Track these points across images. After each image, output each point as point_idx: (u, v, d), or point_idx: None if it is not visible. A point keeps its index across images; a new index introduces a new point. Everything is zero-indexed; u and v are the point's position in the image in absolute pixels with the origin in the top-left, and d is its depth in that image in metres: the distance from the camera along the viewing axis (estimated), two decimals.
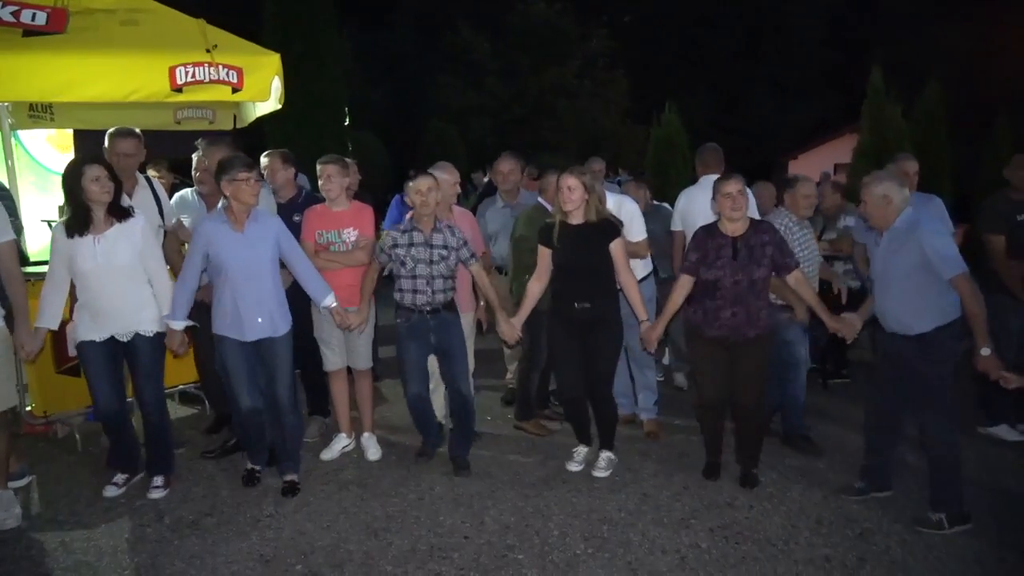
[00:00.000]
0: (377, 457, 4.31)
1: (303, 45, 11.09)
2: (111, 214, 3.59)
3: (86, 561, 3.23)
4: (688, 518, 3.59)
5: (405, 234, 3.93)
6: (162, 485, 3.85)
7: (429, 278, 3.91)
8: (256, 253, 3.68)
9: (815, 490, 3.87)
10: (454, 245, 3.93)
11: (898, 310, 3.43)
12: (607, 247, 3.87)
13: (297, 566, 3.17)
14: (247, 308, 3.68)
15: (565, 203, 3.83)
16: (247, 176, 3.58)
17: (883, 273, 3.48)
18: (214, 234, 3.65)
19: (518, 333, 4.05)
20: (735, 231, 3.74)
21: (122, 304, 3.64)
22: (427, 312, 3.94)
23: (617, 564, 3.18)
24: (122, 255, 3.59)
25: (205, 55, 4.24)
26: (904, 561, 3.19)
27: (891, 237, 3.42)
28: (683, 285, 3.87)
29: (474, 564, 3.18)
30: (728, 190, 3.67)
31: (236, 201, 3.62)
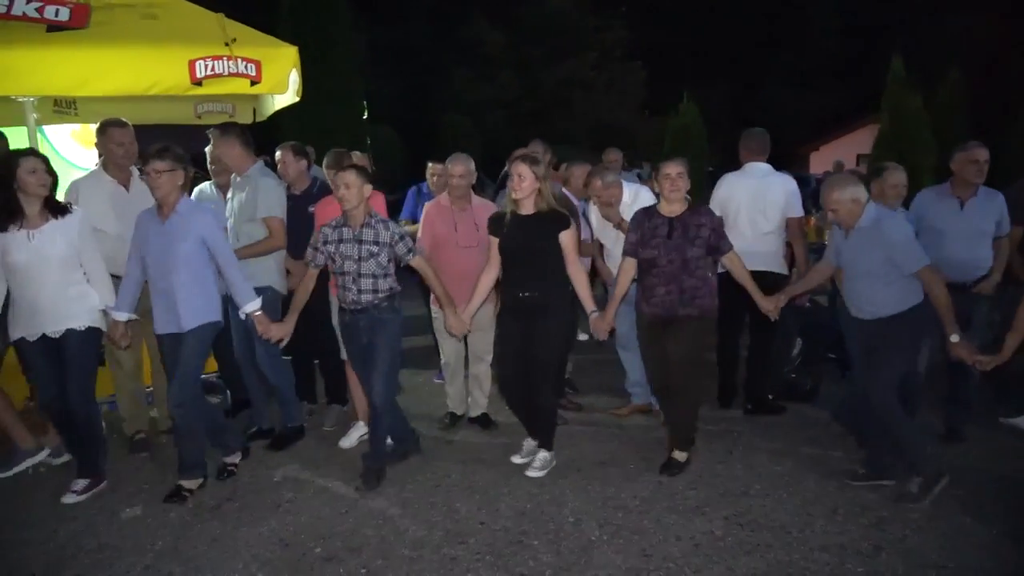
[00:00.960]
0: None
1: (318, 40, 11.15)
2: (47, 208, 3.60)
3: (109, 544, 3.31)
4: (703, 506, 3.61)
5: (335, 230, 3.77)
6: (80, 490, 3.71)
7: (356, 275, 3.74)
8: (170, 246, 3.62)
9: (831, 479, 3.87)
10: (386, 240, 3.75)
11: (867, 299, 3.65)
12: (556, 237, 3.86)
13: (316, 549, 3.23)
14: (157, 300, 3.71)
15: (515, 191, 3.84)
16: (150, 168, 3.54)
17: (852, 267, 3.68)
18: (142, 225, 3.70)
19: (467, 327, 4.04)
20: (672, 212, 3.87)
21: (56, 299, 3.62)
22: (356, 312, 3.80)
23: (631, 550, 3.20)
24: (57, 249, 3.59)
25: (224, 48, 4.28)
26: (920, 549, 3.19)
27: (857, 235, 3.61)
28: (626, 267, 4.01)
29: (489, 549, 3.22)
30: (668, 171, 3.80)
31: (152, 192, 3.63)
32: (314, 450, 4.35)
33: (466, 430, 4.64)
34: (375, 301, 3.79)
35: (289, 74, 4.52)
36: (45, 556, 3.22)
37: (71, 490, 3.72)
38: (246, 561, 3.14)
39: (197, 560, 3.15)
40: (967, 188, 4.24)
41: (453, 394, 4.71)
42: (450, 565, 3.10)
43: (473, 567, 3.08)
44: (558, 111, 22.20)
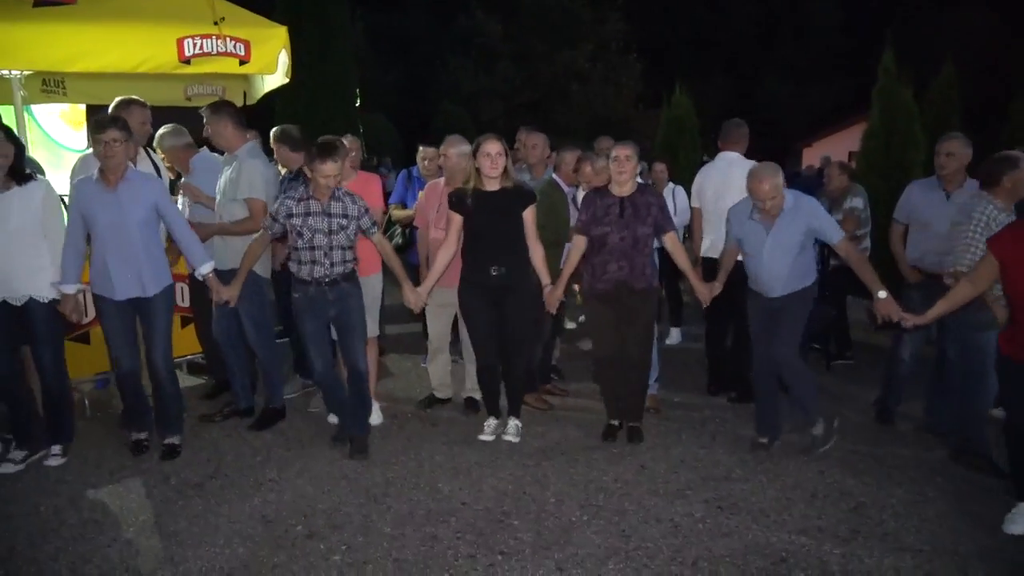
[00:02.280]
0: (378, 421, 4.40)
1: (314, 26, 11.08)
2: (11, 176, 3.60)
3: (93, 519, 3.31)
4: (684, 489, 3.63)
5: (301, 203, 3.71)
6: (60, 453, 3.84)
7: (327, 249, 3.72)
8: (124, 212, 3.64)
9: (812, 465, 3.90)
10: (354, 214, 3.75)
11: (789, 276, 3.88)
12: (521, 213, 3.93)
13: (297, 527, 3.24)
14: (115, 266, 3.68)
15: (491, 170, 3.86)
16: (97, 138, 3.54)
17: (774, 248, 3.83)
18: (85, 193, 3.65)
19: (424, 301, 4.04)
20: (623, 192, 4.00)
21: (15, 267, 3.63)
22: (325, 284, 3.78)
23: (611, 531, 3.22)
24: (16, 218, 3.59)
25: (213, 27, 4.27)
26: (897, 533, 3.22)
27: (782, 218, 3.81)
28: (577, 245, 4.11)
29: (470, 528, 3.24)
30: (616, 154, 3.95)
31: (100, 160, 3.61)
32: (299, 429, 4.35)
33: (452, 412, 4.65)
34: (344, 272, 3.82)
35: (278, 54, 4.51)
36: (27, 529, 3.22)
37: (53, 453, 3.84)
38: (227, 536, 3.15)
39: (179, 535, 3.16)
40: (952, 180, 4.25)
41: (433, 374, 4.73)
42: (431, 543, 3.11)
43: (454, 545, 3.10)
44: (555, 103, 22.19)
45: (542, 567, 2.94)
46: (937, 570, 2.94)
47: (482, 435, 4.21)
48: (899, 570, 2.94)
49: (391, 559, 2.99)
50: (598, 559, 3.00)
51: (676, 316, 6.57)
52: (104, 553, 3.02)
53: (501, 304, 4.00)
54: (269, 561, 2.97)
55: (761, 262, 3.90)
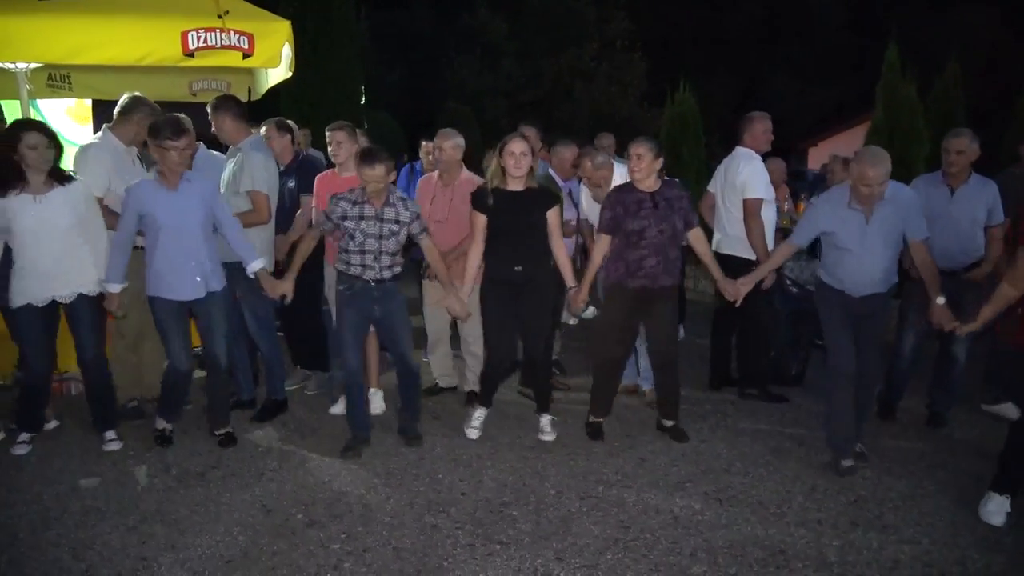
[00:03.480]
0: (380, 411, 4.45)
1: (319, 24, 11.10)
2: (51, 177, 3.63)
3: (95, 507, 3.33)
4: (684, 482, 3.64)
5: (355, 206, 3.75)
6: (117, 437, 3.94)
7: (377, 253, 3.77)
8: (189, 211, 3.70)
9: (812, 459, 3.91)
10: (406, 219, 3.80)
11: (880, 273, 3.66)
12: (545, 214, 3.92)
13: (298, 515, 3.26)
14: (181, 268, 3.72)
15: (515, 169, 3.84)
16: (172, 146, 3.57)
17: (875, 243, 3.60)
18: (146, 194, 3.66)
19: (467, 308, 4.06)
20: (650, 187, 3.91)
21: (66, 265, 3.67)
22: (371, 282, 3.83)
23: (610, 522, 3.23)
24: (64, 217, 3.63)
25: (216, 21, 4.27)
26: (896, 525, 3.23)
27: (882, 208, 3.57)
28: (602, 245, 4.02)
29: (470, 518, 3.25)
30: (636, 151, 3.86)
31: (163, 166, 3.64)
32: (300, 421, 4.38)
33: (454, 405, 4.67)
34: (392, 275, 3.88)
35: (282, 48, 4.52)
36: (29, 516, 3.24)
37: (109, 439, 3.92)
38: (228, 525, 3.17)
39: (180, 523, 3.18)
40: (957, 176, 4.23)
41: (435, 364, 4.78)
42: (430, 532, 3.13)
43: (453, 534, 3.11)
44: (559, 101, 22.14)
45: (540, 556, 2.95)
46: (935, 561, 2.94)
47: (468, 429, 4.16)
48: (897, 562, 2.94)
49: (390, 547, 3.00)
50: (597, 549, 3.01)
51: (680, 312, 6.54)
52: (105, 539, 3.04)
53: (522, 303, 3.99)
54: (269, 549, 2.98)
55: (855, 256, 3.64)
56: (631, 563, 2.91)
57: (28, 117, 4.49)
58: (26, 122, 3.76)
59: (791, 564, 2.92)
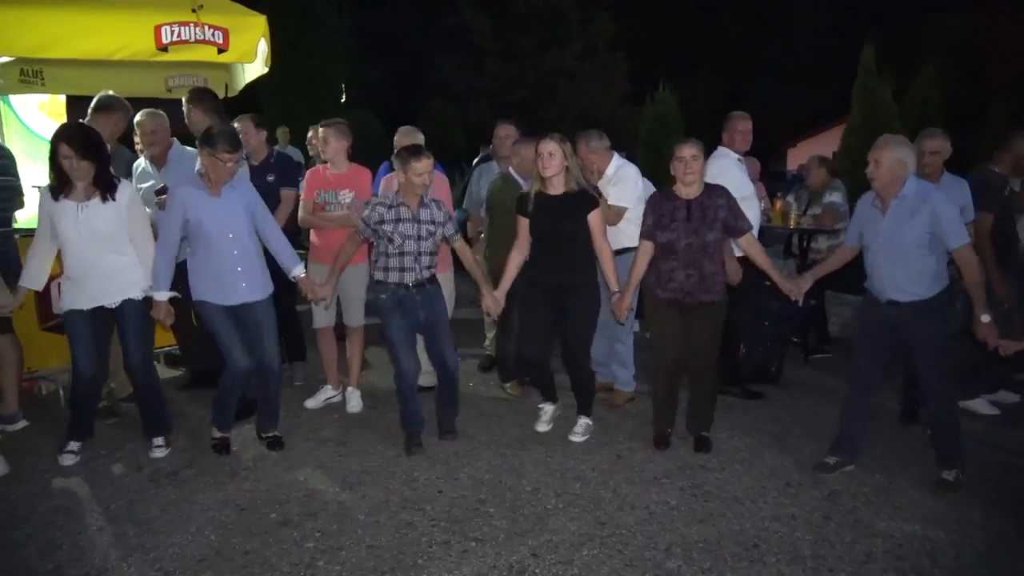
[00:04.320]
0: (358, 409, 4.45)
1: (301, 21, 11.04)
2: (95, 185, 3.55)
3: (63, 506, 3.29)
4: (660, 477, 3.65)
5: (391, 209, 3.77)
6: (164, 444, 3.85)
7: (417, 254, 3.80)
8: (235, 217, 3.68)
9: (787, 455, 3.93)
10: (441, 220, 3.85)
11: (905, 277, 3.44)
12: (585, 217, 3.85)
13: (272, 514, 3.23)
14: (230, 272, 3.68)
15: (545, 169, 3.79)
16: (229, 158, 3.55)
17: (888, 241, 3.46)
18: (192, 200, 3.61)
19: (502, 305, 4.02)
20: (689, 194, 3.77)
21: (107, 271, 3.62)
22: (412, 287, 3.85)
23: (586, 518, 3.23)
24: (105, 224, 3.57)
25: (191, 15, 4.24)
26: (869, 520, 3.25)
27: (899, 205, 3.43)
28: (644, 251, 3.88)
29: (446, 515, 3.24)
30: (683, 154, 3.71)
31: (213, 174, 3.61)
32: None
33: (431, 403, 4.63)
34: (430, 276, 3.88)
35: (258, 43, 4.49)
36: None
37: (156, 445, 3.83)
38: (200, 524, 3.13)
39: (151, 523, 3.14)
40: (931, 175, 4.27)
41: None
42: (406, 530, 3.11)
43: (428, 532, 3.10)
44: (543, 100, 22.23)
45: (516, 552, 2.94)
46: (907, 554, 2.97)
47: (539, 424, 4.21)
48: (870, 555, 2.97)
49: (365, 545, 2.98)
50: (573, 545, 3.01)
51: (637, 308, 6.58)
52: (75, 540, 3.00)
53: (564, 306, 3.93)
54: (241, 548, 2.95)
55: (872, 254, 3.55)
56: (606, 558, 2.91)
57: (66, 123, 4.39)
58: (60, 132, 3.59)
59: (765, 558, 2.93)
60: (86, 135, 3.55)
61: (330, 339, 4.56)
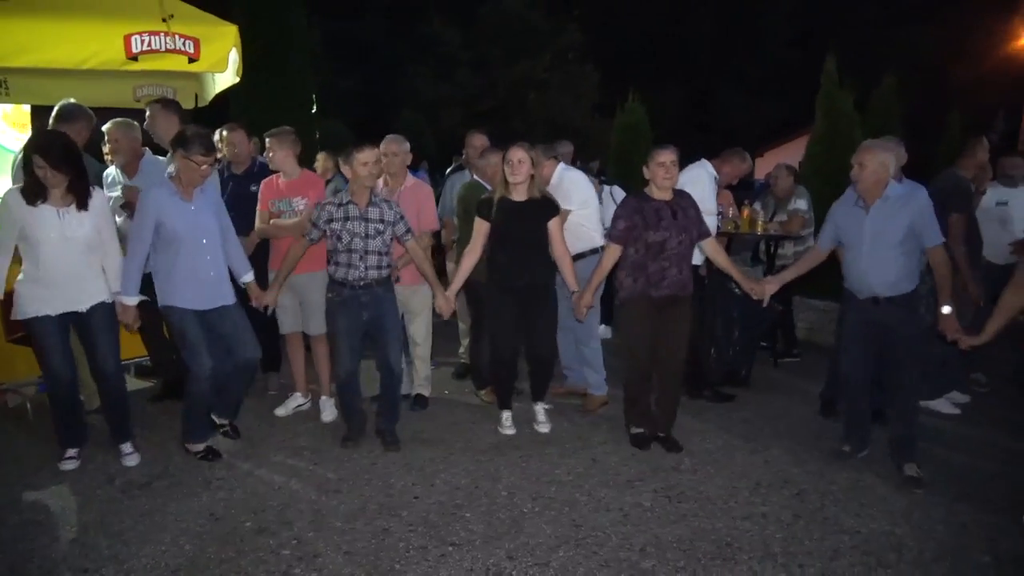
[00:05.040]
0: (332, 418, 4.43)
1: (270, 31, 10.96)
2: (71, 191, 3.52)
3: (34, 519, 3.23)
4: (634, 480, 3.70)
5: (340, 208, 3.82)
6: (134, 450, 3.83)
7: (364, 253, 3.83)
8: (207, 222, 3.71)
9: (758, 456, 4.01)
10: (390, 219, 3.87)
11: (886, 274, 3.60)
12: (546, 223, 4.01)
13: (247, 523, 3.21)
14: (204, 277, 3.70)
15: (514, 175, 3.91)
16: (203, 161, 3.57)
17: (873, 240, 3.61)
18: (164, 204, 3.61)
19: (453, 306, 4.09)
20: (664, 197, 3.92)
21: (83, 276, 3.60)
22: (359, 287, 3.88)
23: (562, 521, 3.27)
24: (84, 228, 3.56)
25: (161, 24, 4.24)
26: (836, 517, 3.33)
27: (881, 205, 3.59)
28: (612, 253, 4.00)
29: (422, 520, 3.25)
30: (663, 160, 3.84)
31: (186, 177, 3.61)
32: (250, 428, 4.31)
33: (406, 411, 4.64)
34: (379, 277, 3.89)
35: (229, 53, 4.49)
36: None
37: (126, 453, 3.81)
38: (174, 535, 3.10)
39: (124, 534, 3.10)
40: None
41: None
42: (382, 536, 3.12)
43: (405, 537, 3.10)
44: (513, 111, 22.35)
45: (493, 556, 2.96)
46: (873, 549, 3.05)
47: (502, 428, 4.29)
48: (837, 550, 3.04)
49: (342, 552, 2.98)
50: (548, 547, 3.04)
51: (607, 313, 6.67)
52: (45, 552, 2.95)
53: (528, 308, 4.08)
54: (217, 557, 2.93)
55: (853, 252, 3.70)
56: (582, 560, 2.95)
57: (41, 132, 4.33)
58: (34, 142, 3.55)
59: (737, 556, 2.99)
60: (62, 146, 3.51)
61: (298, 346, 4.57)
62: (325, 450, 4.01)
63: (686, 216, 3.90)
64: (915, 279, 3.63)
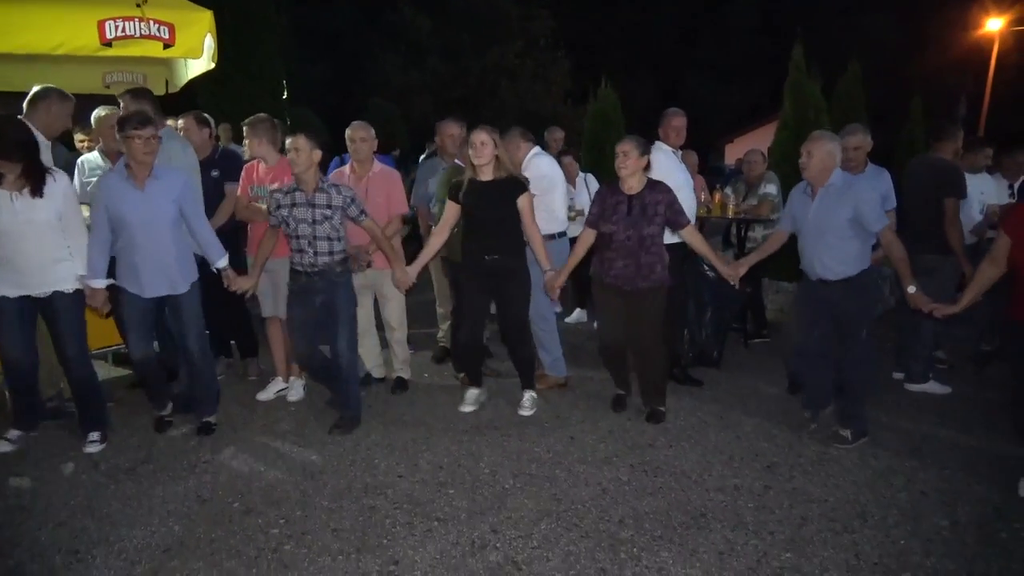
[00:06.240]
0: (298, 398, 4.57)
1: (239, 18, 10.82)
2: (26, 175, 3.51)
3: (20, 505, 3.25)
4: (611, 456, 3.82)
5: (288, 195, 3.87)
6: (99, 439, 3.84)
7: (311, 239, 3.85)
8: (156, 211, 3.67)
9: (730, 431, 4.16)
10: (339, 204, 3.88)
11: (830, 258, 3.80)
12: (515, 202, 4.05)
13: (234, 504, 3.26)
14: (146, 266, 3.70)
15: (477, 157, 3.99)
16: (137, 133, 3.53)
17: (816, 226, 3.82)
18: (114, 190, 3.63)
19: (411, 281, 4.13)
20: (631, 189, 4.03)
21: (40, 261, 3.59)
22: (312, 274, 3.92)
23: (542, 496, 3.37)
24: (41, 212, 3.54)
25: (135, 10, 4.19)
26: (805, 488, 3.48)
27: (826, 193, 3.80)
28: (584, 237, 4.19)
29: (407, 499, 3.33)
30: (620, 149, 3.98)
31: (130, 158, 3.60)
32: (231, 414, 4.35)
33: (386, 393, 4.73)
34: (331, 264, 3.91)
35: (204, 39, 4.47)
36: None
37: (91, 440, 3.81)
38: (162, 516, 3.15)
39: (112, 517, 3.14)
40: (855, 168, 4.55)
41: (365, 355, 4.82)
42: (369, 513, 3.19)
43: (391, 514, 3.19)
44: (485, 98, 22.33)
45: (477, 529, 3.06)
46: (839, 516, 3.20)
47: (463, 405, 4.39)
48: (806, 518, 3.19)
49: (329, 529, 3.06)
50: (531, 520, 3.14)
51: (581, 298, 6.80)
52: (34, 536, 2.98)
53: (499, 289, 4.16)
54: (206, 537, 2.99)
55: (802, 236, 3.92)
56: (563, 531, 3.06)
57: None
58: None
59: (711, 525, 3.12)
60: (13, 131, 3.51)
61: (278, 330, 4.60)
62: (309, 433, 4.07)
63: (644, 212, 3.98)
64: (860, 264, 3.79)
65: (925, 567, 2.83)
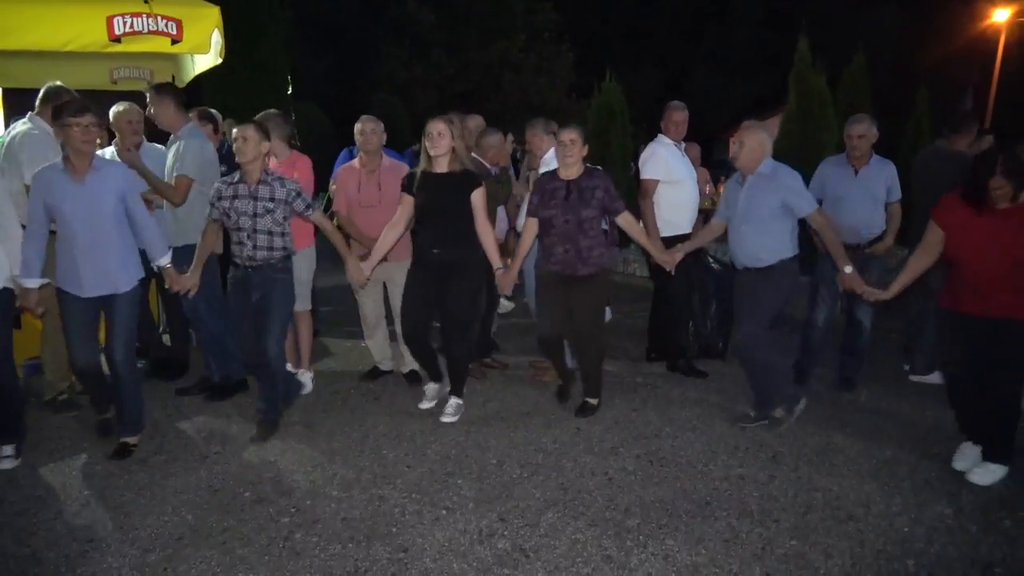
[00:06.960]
0: (308, 390, 4.59)
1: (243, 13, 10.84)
2: None
3: (35, 495, 3.31)
4: (617, 447, 3.86)
5: (230, 187, 3.77)
6: (13, 455, 3.60)
7: (250, 231, 3.76)
8: (95, 206, 3.47)
9: (735, 422, 4.17)
10: (282, 197, 3.78)
11: (753, 246, 3.94)
12: (468, 196, 3.98)
13: (246, 494, 3.31)
14: (86, 264, 3.51)
15: (434, 148, 3.94)
16: (76, 121, 3.35)
17: (745, 213, 3.93)
18: (52, 184, 3.44)
19: (365, 276, 4.11)
20: (569, 176, 4.05)
21: None
22: (249, 268, 3.82)
23: (549, 485, 3.41)
24: None
25: (143, 6, 4.24)
26: (809, 477, 3.51)
27: (754, 181, 3.91)
28: (529, 227, 4.20)
29: (416, 488, 3.38)
30: (562, 138, 4.00)
31: (69, 148, 3.43)
32: (240, 405, 4.39)
33: (394, 386, 4.77)
34: (270, 259, 3.83)
35: (211, 34, 4.51)
36: None
37: (4, 456, 3.58)
38: (175, 506, 3.20)
39: (125, 507, 3.19)
40: (860, 158, 4.57)
41: (375, 348, 4.85)
42: (378, 503, 3.24)
43: (400, 503, 3.23)
44: (489, 92, 22.32)
45: (485, 518, 3.10)
46: (843, 505, 3.23)
47: (423, 402, 4.37)
48: (810, 506, 3.22)
49: (340, 518, 3.10)
50: (538, 509, 3.18)
51: None
52: (50, 525, 3.04)
53: (444, 283, 4.06)
54: (219, 525, 3.04)
55: (732, 225, 4.04)
56: (571, 520, 3.10)
57: None
58: None
59: (716, 514, 3.16)
60: None
61: (299, 322, 4.60)
62: (317, 425, 4.11)
63: (580, 197, 3.99)
64: (779, 254, 3.89)
65: (928, 555, 2.86)
